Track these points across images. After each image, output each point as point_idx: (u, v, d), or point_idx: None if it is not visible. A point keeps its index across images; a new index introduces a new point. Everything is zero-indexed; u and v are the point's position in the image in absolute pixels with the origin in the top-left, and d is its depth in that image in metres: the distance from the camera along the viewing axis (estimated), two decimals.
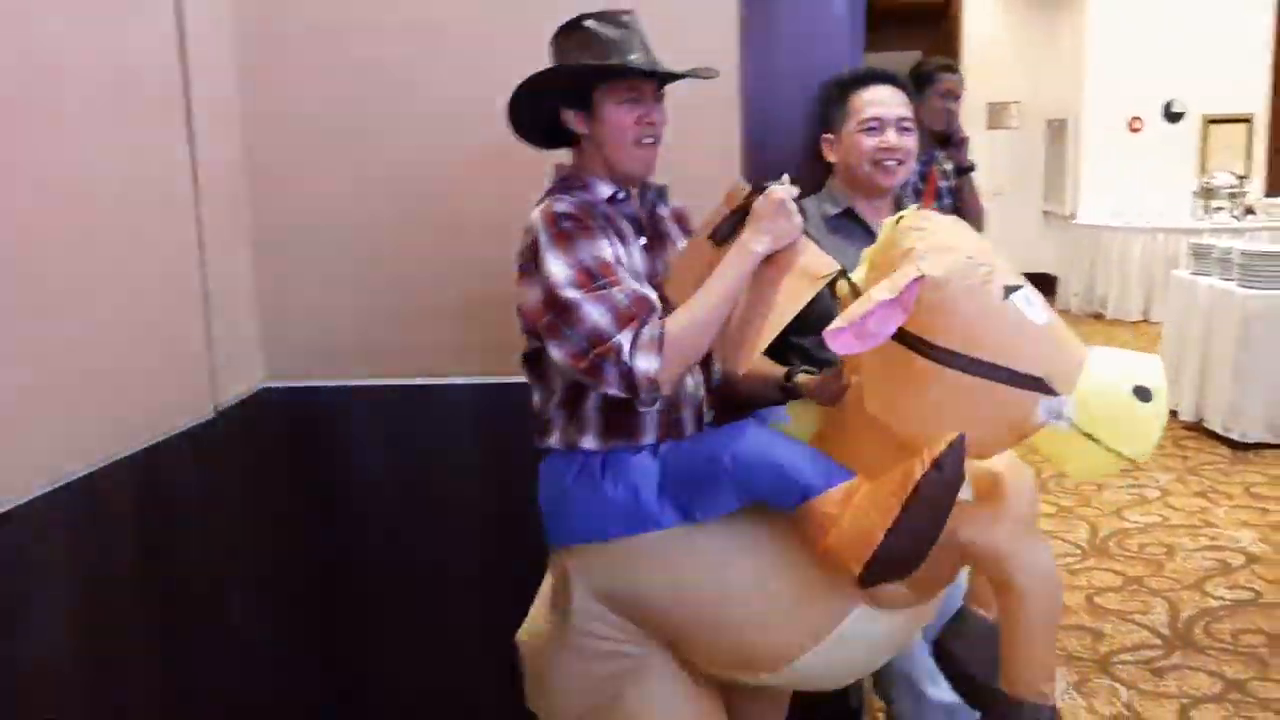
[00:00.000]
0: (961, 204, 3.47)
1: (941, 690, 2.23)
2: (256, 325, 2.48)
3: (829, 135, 2.30)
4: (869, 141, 2.21)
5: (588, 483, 1.81)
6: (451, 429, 2.56)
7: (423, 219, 2.48)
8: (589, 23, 1.83)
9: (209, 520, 2.23)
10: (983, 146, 10.12)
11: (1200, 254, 5.86)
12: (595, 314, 1.70)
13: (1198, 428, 5.58)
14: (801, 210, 1.78)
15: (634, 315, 1.70)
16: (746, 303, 1.76)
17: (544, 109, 1.87)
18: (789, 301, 1.73)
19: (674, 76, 1.86)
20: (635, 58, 1.82)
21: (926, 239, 1.59)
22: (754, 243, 1.74)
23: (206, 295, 2.24)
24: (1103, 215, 9.15)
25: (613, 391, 1.71)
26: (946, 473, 1.50)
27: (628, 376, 1.68)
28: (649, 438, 1.83)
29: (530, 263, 1.78)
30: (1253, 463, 5.12)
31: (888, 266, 1.60)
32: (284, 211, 2.47)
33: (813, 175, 2.34)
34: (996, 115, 10.28)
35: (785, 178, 1.79)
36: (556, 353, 1.73)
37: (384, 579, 2.62)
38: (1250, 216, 8.49)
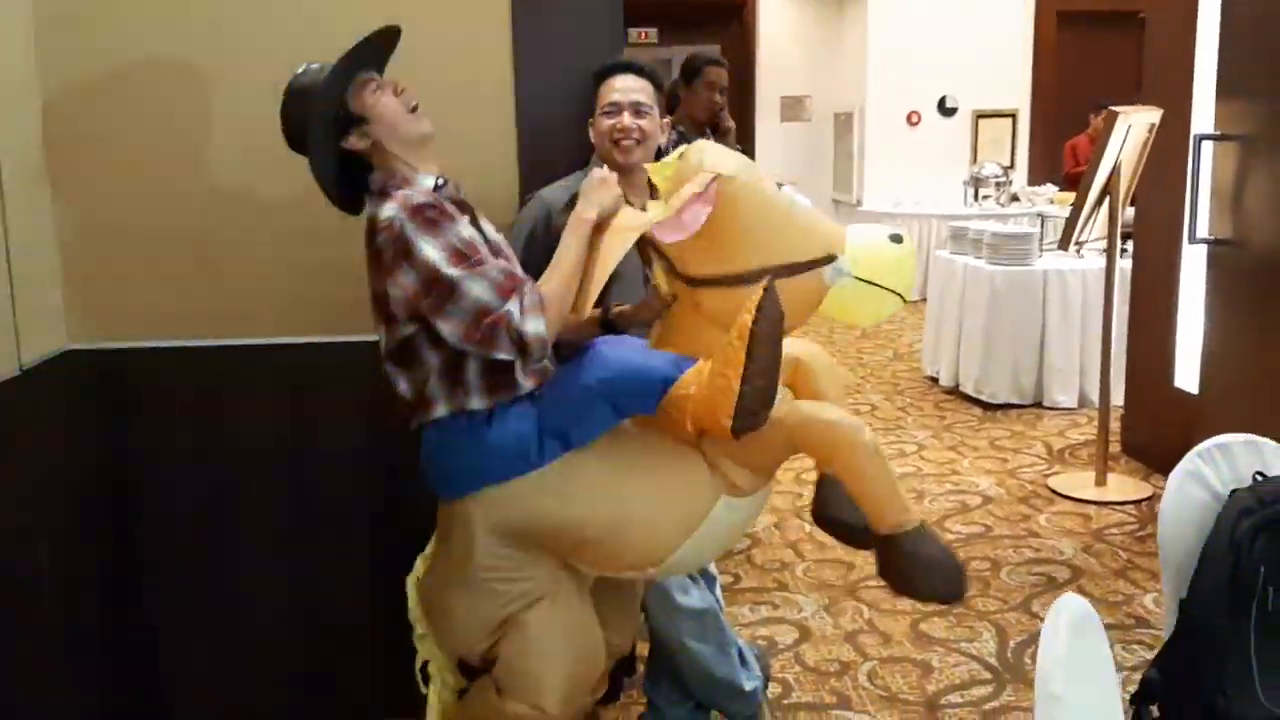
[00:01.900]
0: None
1: (691, 599, 2.58)
2: (60, 288, 2.62)
3: (592, 119, 2.61)
4: (607, 123, 2.52)
5: (476, 436, 2.01)
6: (256, 389, 2.75)
7: (226, 182, 2.65)
8: (299, 82, 2.08)
9: (16, 475, 2.37)
10: (777, 138, 10.77)
11: (957, 235, 6.48)
12: (477, 289, 1.91)
13: (956, 392, 6.19)
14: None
15: (510, 286, 1.94)
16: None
17: (333, 161, 2.07)
18: (611, 252, 2.05)
19: (383, 39, 2.10)
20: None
21: (710, 154, 1.96)
22: (585, 211, 2.05)
23: (8, 258, 2.37)
24: (885, 203, 9.85)
25: (504, 355, 1.94)
26: (769, 312, 1.82)
27: (519, 340, 1.92)
28: (527, 387, 2.05)
29: (397, 255, 1.94)
30: (999, 421, 5.74)
31: (685, 177, 1.93)
32: (86, 176, 2.60)
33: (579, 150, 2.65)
34: (790, 109, 10.90)
35: (604, 167, 2.16)
36: (446, 328, 1.93)
37: (187, 535, 2.78)
38: (1015, 203, 9.30)
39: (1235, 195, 3.69)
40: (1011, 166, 9.92)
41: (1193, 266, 4.48)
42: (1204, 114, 4.27)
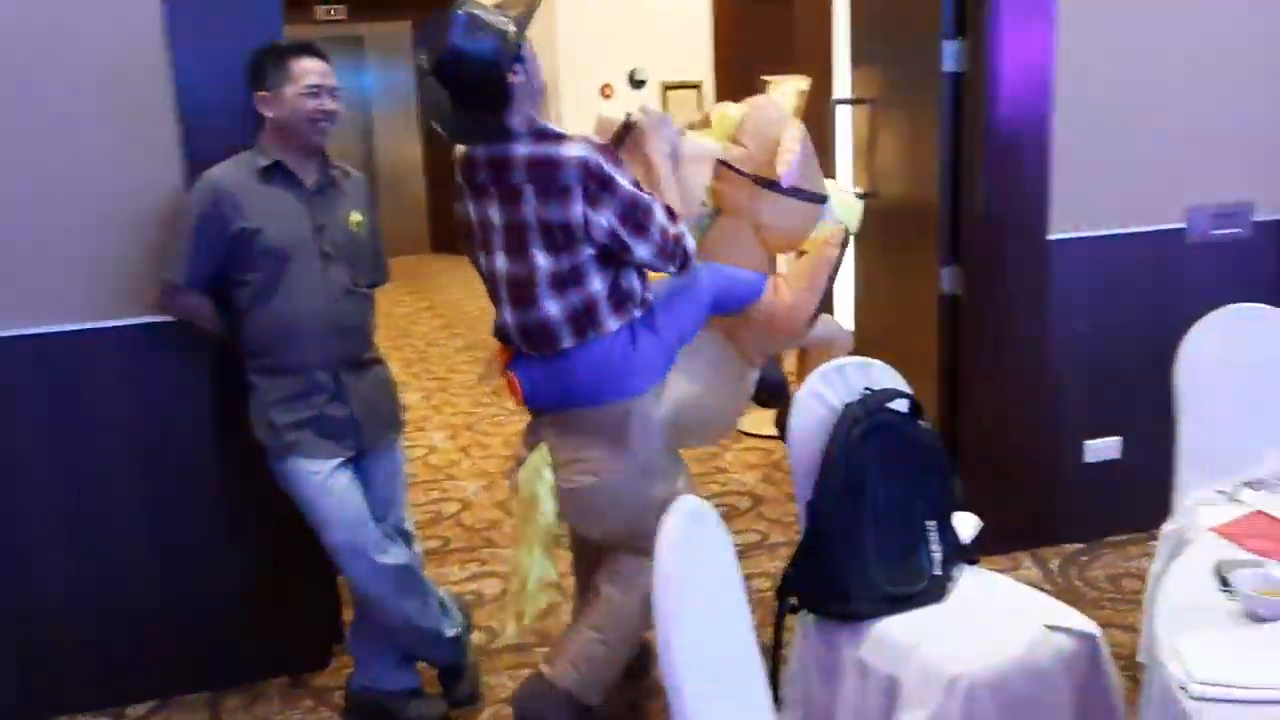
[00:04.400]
0: None
1: (390, 557, 2.66)
2: None
3: (264, 94, 2.53)
4: (311, 103, 2.52)
5: (649, 338, 2.38)
6: (19, 379, 2.78)
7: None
8: (492, 22, 2.37)
9: None
10: None
11: None
12: (659, 213, 2.30)
13: None
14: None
15: (672, 211, 2.34)
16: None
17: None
18: (699, 179, 2.56)
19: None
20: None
21: (788, 100, 2.74)
22: (662, 147, 2.46)
23: None
24: None
25: (674, 269, 2.37)
26: (844, 248, 2.72)
27: (685, 256, 2.36)
28: (647, 293, 2.43)
29: (600, 188, 2.22)
30: None
31: (768, 125, 2.65)
32: None
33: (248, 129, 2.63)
34: None
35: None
36: (644, 246, 2.28)
37: None
38: None
39: (868, 152, 4.14)
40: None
41: None
42: (844, 81, 4.73)
